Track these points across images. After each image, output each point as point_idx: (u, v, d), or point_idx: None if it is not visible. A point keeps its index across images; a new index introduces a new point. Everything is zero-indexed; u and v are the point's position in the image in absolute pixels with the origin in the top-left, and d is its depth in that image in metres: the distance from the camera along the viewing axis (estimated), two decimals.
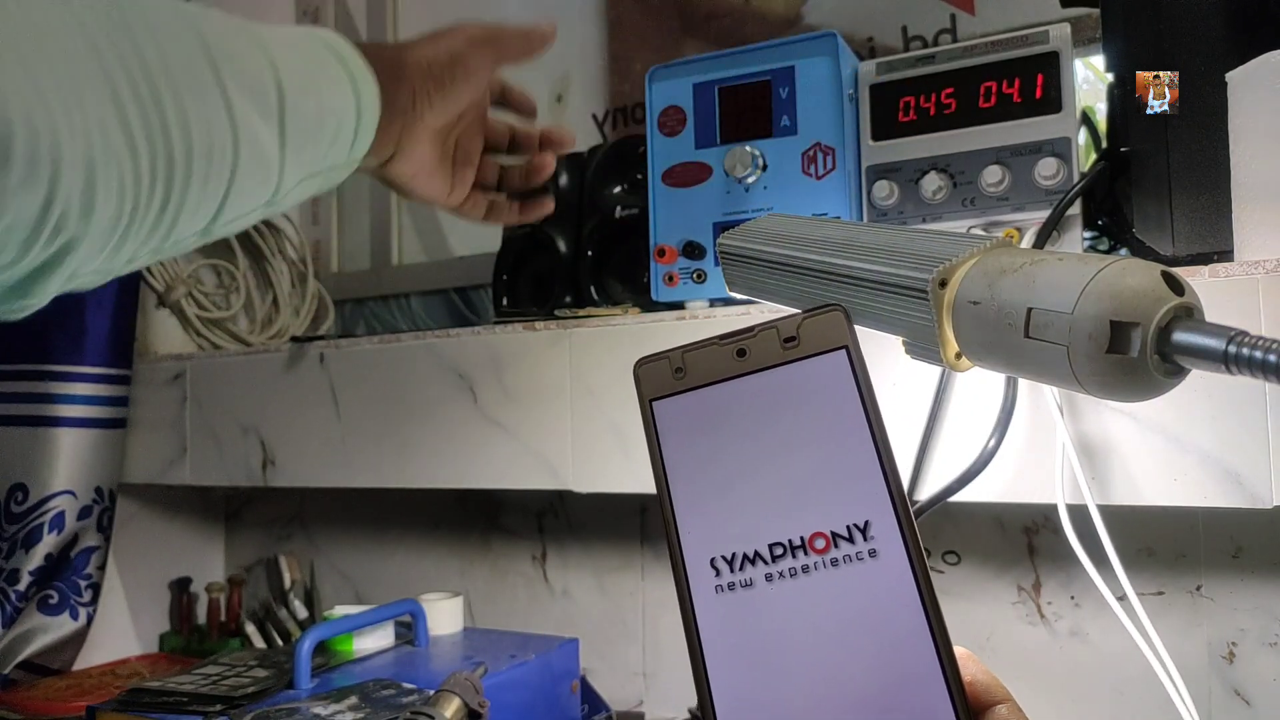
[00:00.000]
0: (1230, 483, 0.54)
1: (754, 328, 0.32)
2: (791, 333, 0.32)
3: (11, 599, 0.94)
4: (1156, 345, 0.33)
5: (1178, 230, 0.61)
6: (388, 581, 1.15)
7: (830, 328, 0.31)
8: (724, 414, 0.31)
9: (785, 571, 0.29)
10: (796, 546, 0.29)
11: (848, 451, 0.30)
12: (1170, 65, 0.59)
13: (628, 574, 1.00)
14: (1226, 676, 0.73)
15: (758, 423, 0.31)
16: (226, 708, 0.70)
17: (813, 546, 0.29)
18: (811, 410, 0.31)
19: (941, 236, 0.43)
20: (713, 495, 0.31)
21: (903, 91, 0.69)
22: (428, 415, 0.83)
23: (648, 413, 0.32)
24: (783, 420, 0.31)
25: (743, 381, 0.32)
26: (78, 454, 0.98)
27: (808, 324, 0.31)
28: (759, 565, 0.29)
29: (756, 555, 0.29)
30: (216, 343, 1.13)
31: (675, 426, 0.32)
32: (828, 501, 0.30)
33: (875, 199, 0.69)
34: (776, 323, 0.32)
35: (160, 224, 0.42)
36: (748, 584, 0.29)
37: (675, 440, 0.32)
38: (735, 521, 0.30)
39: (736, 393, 0.32)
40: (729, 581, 0.29)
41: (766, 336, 0.32)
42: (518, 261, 0.97)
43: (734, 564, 0.29)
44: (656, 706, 0.97)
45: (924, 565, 0.28)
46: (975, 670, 0.29)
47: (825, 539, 0.29)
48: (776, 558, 0.29)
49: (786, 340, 0.32)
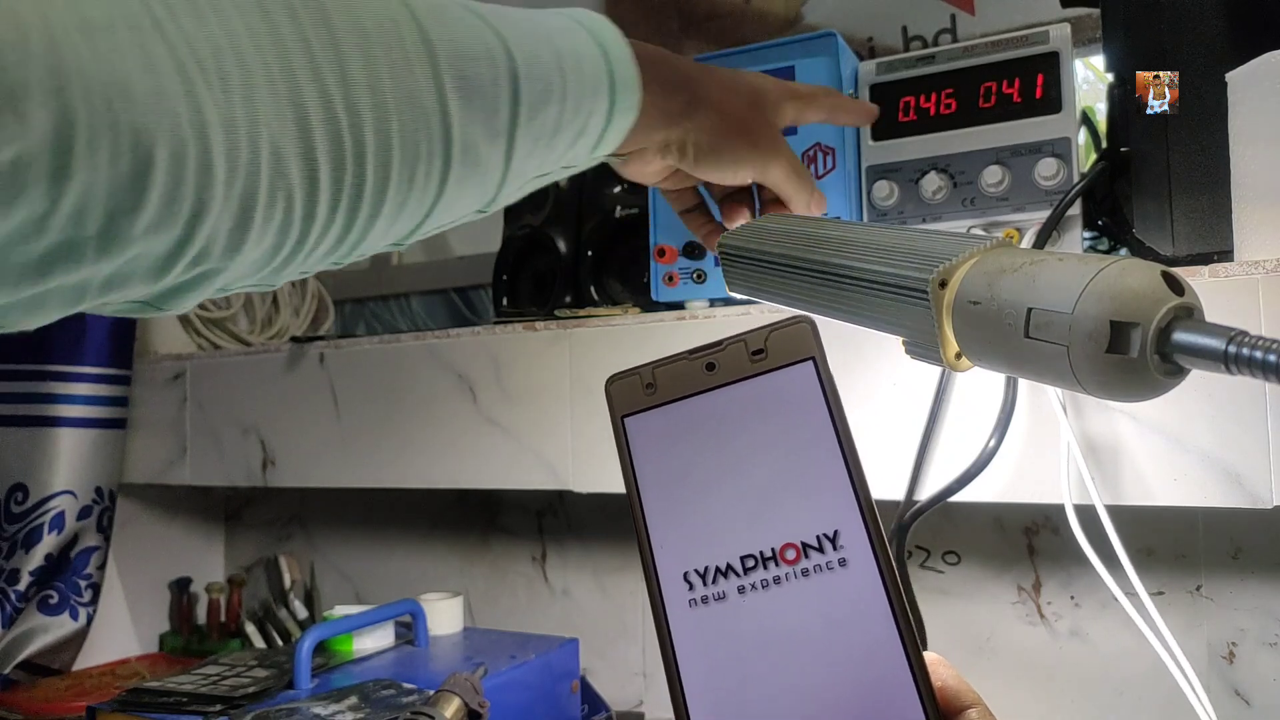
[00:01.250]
0: (1230, 483, 0.54)
1: (722, 341, 0.32)
2: (759, 345, 0.32)
3: (11, 599, 0.94)
4: (1156, 345, 0.33)
5: (1178, 230, 0.61)
6: (388, 581, 1.15)
7: (797, 339, 0.32)
8: (694, 428, 0.32)
9: (757, 583, 0.29)
10: (768, 558, 0.29)
11: (816, 462, 0.30)
12: (1170, 65, 0.59)
13: (628, 574, 1.00)
14: (1226, 676, 0.73)
15: (728, 435, 0.31)
16: (226, 708, 0.70)
17: (783, 557, 0.29)
18: (780, 422, 0.31)
19: (941, 236, 0.43)
20: (685, 509, 0.31)
21: (903, 91, 0.69)
22: (428, 415, 0.83)
23: (619, 429, 0.32)
24: (752, 432, 0.31)
25: (712, 395, 0.32)
26: (78, 454, 0.98)
27: (775, 336, 0.32)
28: (731, 578, 0.30)
29: (729, 568, 0.30)
30: (216, 343, 1.13)
31: (647, 442, 0.32)
32: (797, 512, 0.30)
33: (875, 199, 0.69)
34: (744, 336, 0.32)
35: (337, 249, 0.36)
36: (720, 597, 0.29)
37: (647, 456, 0.32)
38: (707, 535, 0.30)
39: (706, 406, 0.32)
40: (702, 595, 0.30)
41: (735, 350, 0.32)
42: (518, 261, 0.97)
43: (707, 577, 0.30)
44: (656, 706, 0.97)
45: (893, 573, 0.29)
46: (946, 675, 0.29)
47: (796, 549, 0.29)
48: (748, 570, 0.29)
49: (755, 353, 0.32)
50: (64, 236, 0.26)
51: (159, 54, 0.27)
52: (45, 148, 0.24)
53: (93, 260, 0.28)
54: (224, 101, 0.28)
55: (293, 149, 0.31)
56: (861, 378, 0.65)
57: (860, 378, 0.65)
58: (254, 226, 0.31)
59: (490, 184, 0.41)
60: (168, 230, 0.28)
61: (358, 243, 0.37)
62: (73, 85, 0.24)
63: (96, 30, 0.25)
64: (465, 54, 0.37)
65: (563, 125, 0.42)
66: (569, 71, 0.42)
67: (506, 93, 0.38)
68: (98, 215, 0.26)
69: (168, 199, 0.28)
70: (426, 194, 0.37)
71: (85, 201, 0.26)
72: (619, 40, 0.45)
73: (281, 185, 0.31)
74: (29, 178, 0.24)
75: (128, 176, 0.26)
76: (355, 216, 0.35)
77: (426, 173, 0.36)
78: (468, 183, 0.39)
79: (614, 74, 0.44)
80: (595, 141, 0.46)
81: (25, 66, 0.23)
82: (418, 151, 0.35)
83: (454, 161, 0.37)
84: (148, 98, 0.26)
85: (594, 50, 0.44)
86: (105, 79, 0.25)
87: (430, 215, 0.39)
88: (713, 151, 0.52)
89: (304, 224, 0.33)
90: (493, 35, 0.38)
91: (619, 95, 0.45)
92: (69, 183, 0.25)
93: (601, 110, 0.44)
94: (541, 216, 0.94)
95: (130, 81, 0.26)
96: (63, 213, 0.25)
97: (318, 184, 0.32)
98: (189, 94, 0.27)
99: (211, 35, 0.29)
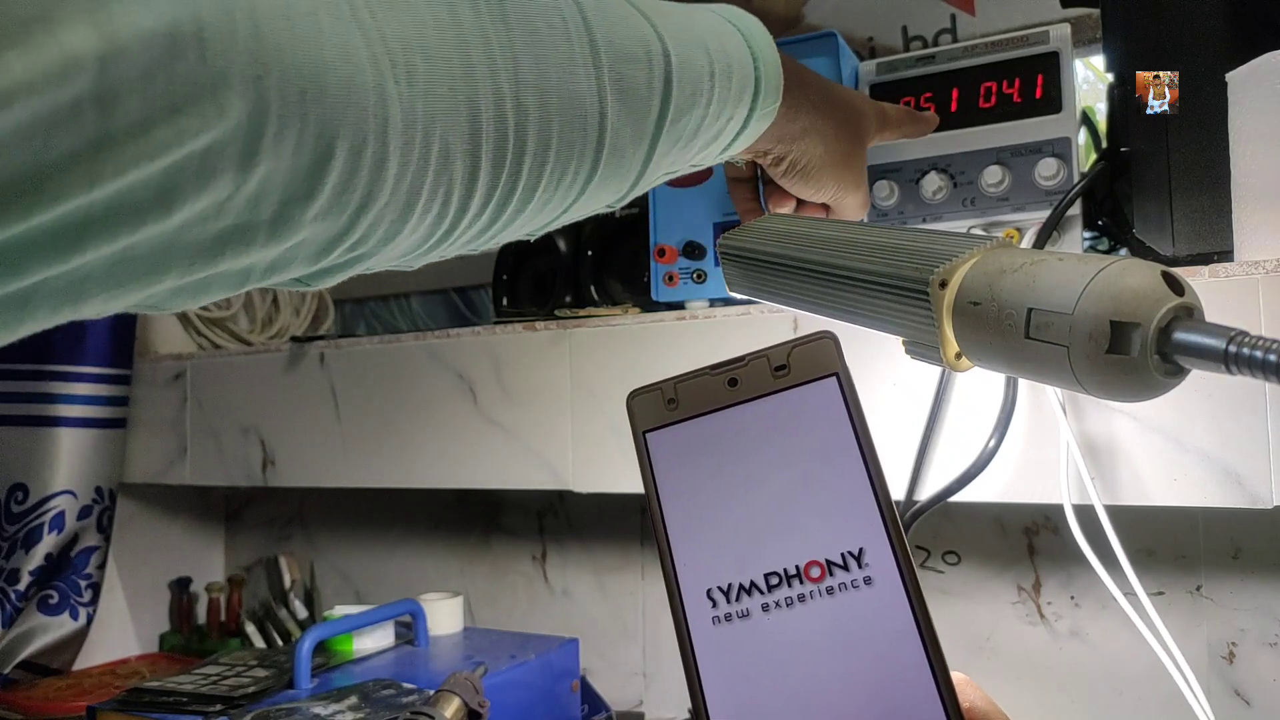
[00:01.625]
0: (1230, 483, 0.54)
1: (744, 357, 0.32)
2: (782, 361, 0.32)
3: (11, 599, 0.94)
4: (1157, 345, 0.33)
5: (1178, 230, 0.61)
6: (388, 581, 1.16)
7: (820, 354, 0.32)
8: (717, 444, 0.31)
9: (781, 601, 0.29)
10: (792, 576, 0.29)
11: (840, 478, 0.30)
12: (1170, 65, 0.59)
13: (628, 574, 1.00)
14: (1226, 677, 0.73)
15: (750, 452, 0.31)
16: (226, 708, 0.70)
17: (808, 575, 0.29)
18: (803, 438, 0.31)
19: (941, 236, 0.43)
20: (708, 526, 0.31)
21: (903, 91, 0.69)
22: (428, 415, 0.83)
23: (641, 445, 0.32)
24: (775, 449, 0.31)
25: (735, 411, 0.32)
26: (78, 454, 0.98)
27: (798, 352, 0.32)
28: (755, 595, 0.29)
29: (753, 585, 0.29)
30: (217, 342, 1.13)
31: (669, 458, 0.32)
32: (822, 529, 0.30)
33: (875, 199, 0.69)
34: (767, 351, 0.32)
35: (479, 239, 0.36)
36: (744, 615, 0.29)
37: (669, 472, 0.32)
38: (730, 552, 0.30)
39: (729, 422, 0.32)
40: (726, 613, 0.29)
41: (757, 365, 0.32)
42: (518, 261, 0.97)
43: (730, 595, 0.29)
44: (656, 706, 0.97)
45: (919, 592, 0.28)
46: (974, 697, 0.29)
47: (820, 567, 0.29)
48: (772, 587, 0.29)
49: (777, 368, 0.32)
50: (240, 220, 0.26)
51: (355, 44, 0.27)
52: (238, 136, 0.24)
53: (262, 245, 0.28)
54: (408, 96, 0.28)
55: (460, 146, 0.31)
56: (861, 378, 0.64)
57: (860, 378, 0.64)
58: (413, 218, 0.31)
59: (626, 183, 0.41)
60: (335, 218, 0.29)
61: (499, 234, 0.37)
62: (271, 74, 0.24)
63: (299, 16, 0.25)
64: (626, 55, 0.36)
65: (702, 129, 0.42)
66: (719, 76, 0.41)
67: (659, 96, 0.38)
68: (273, 201, 0.26)
69: (340, 189, 0.28)
70: (571, 191, 0.37)
71: (264, 188, 0.26)
72: (769, 45, 0.45)
73: (444, 181, 0.31)
74: (219, 164, 0.24)
75: (308, 166, 0.26)
76: (504, 211, 0.35)
77: (576, 171, 0.36)
78: (609, 181, 0.39)
79: (760, 84, 0.44)
80: (725, 146, 0.46)
81: (229, 54, 0.23)
82: (572, 152, 0.35)
83: (602, 162, 0.37)
84: (339, 90, 0.26)
85: (745, 56, 0.43)
86: (302, 67, 0.25)
87: (569, 210, 0.39)
88: (807, 175, 0.53)
89: (456, 217, 0.33)
90: (652, 34, 0.38)
91: (759, 105, 0.45)
92: (254, 170, 0.25)
93: (740, 117, 0.44)
94: None
95: (325, 71, 0.26)
96: (242, 197, 0.25)
97: (477, 180, 0.32)
98: (378, 87, 0.27)
99: (403, 26, 0.28)
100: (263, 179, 0.25)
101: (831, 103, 0.52)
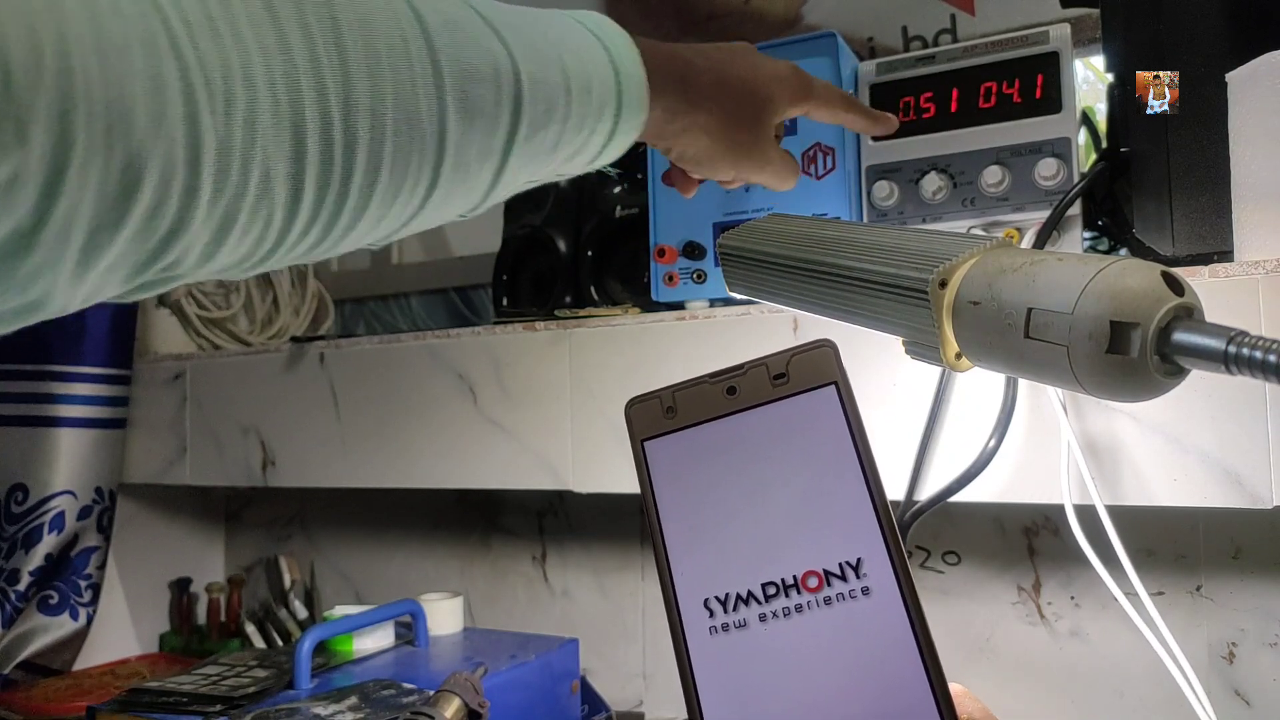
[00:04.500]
0: (1230, 483, 0.54)
1: (743, 365, 0.32)
2: (781, 369, 0.32)
3: (11, 599, 0.94)
4: (1156, 345, 0.33)
5: (1178, 230, 0.61)
6: (388, 581, 1.15)
7: (820, 364, 0.31)
8: (715, 452, 0.31)
9: (779, 611, 0.29)
10: (789, 585, 0.29)
11: (839, 488, 0.30)
12: (1170, 65, 0.59)
13: (628, 574, 1.00)
14: (1226, 677, 0.73)
15: (749, 461, 0.31)
16: (226, 708, 0.70)
17: (805, 585, 0.29)
18: (802, 447, 0.31)
19: (941, 236, 0.43)
20: (705, 535, 0.30)
21: (903, 91, 0.69)
22: (428, 415, 0.83)
23: (639, 453, 0.32)
24: (774, 457, 0.31)
25: (733, 419, 0.32)
26: (78, 454, 0.98)
27: (797, 360, 0.32)
28: (752, 605, 0.29)
29: (750, 595, 0.29)
30: (216, 343, 1.13)
31: (667, 466, 0.32)
32: (820, 539, 0.29)
33: (875, 199, 0.69)
34: (766, 360, 0.32)
35: (310, 254, 0.36)
36: (741, 625, 0.29)
37: (667, 480, 0.32)
38: (728, 561, 0.30)
39: (727, 431, 0.32)
40: (723, 622, 0.29)
41: (756, 374, 0.32)
42: (518, 261, 0.97)
43: (727, 604, 0.29)
44: (656, 707, 0.97)
45: (917, 603, 0.28)
46: (971, 708, 0.29)
47: (818, 577, 0.29)
48: (770, 597, 0.29)
49: (776, 377, 0.32)
50: (48, 251, 0.27)
51: (169, 75, 0.27)
52: (40, 167, 0.25)
53: (73, 271, 0.28)
54: (224, 124, 0.29)
55: (283, 170, 0.31)
56: (861, 378, 0.65)
57: (860, 378, 0.65)
58: (230, 240, 0.31)
59: (476, 195, 0.41)
60: (144, 241, 0.29)
61: (334, 246, 0.37)
62: (78, 110, 0.25)
63: (111, 51, 0.25)
64: (472, 74, 0.36)
65: (561, 143, 0.42)
66: (575, 93, 0.41)
67: (508, 114, 0.38)
68: (81, 230, 0.27)
69: (148, 216, 0.28)
70: (409, 206, 0.37)
71: (71, 218, 0.26)
72: (633, 58, 0.44)
73: (265, 205, 0.31)
74: (20, 195, 0.25)
75: (114, 196, 0.27)
76: (334, 227, 0.35)
77: (413, 189, 0.36)
78: (454, 195, 0.39)
79: (622, 96, 0.44)
80: (592, 158, 0.46)
81: (36, 89, 0.24)
82: (407, 169, 0.35)
83: (442, 178, 0.37)
84: (148, 122, 0.26)
85: (606, 70, 0.43)
86: (110, 103, 0.25)
87: (412, 221, 0.39)
88: (698, 164, 0.53)
89: (280, 236, 0.33)
90: (503, 51, 0.38)
91: (623, 118, 0.44)
92: (58, 200, 0.25)
93: (604, 130, 0.44)
94: (541, 216, 0.94)
95: (134, 105, 0.26)
96: (49, 228, 0.26)
97: (300, 202, 0.32)
98: (189, 117, 0.27)
99: (224, 54, 0.29)
100: (68, 209, 0.26)
101: (724, 91, 0.51)
